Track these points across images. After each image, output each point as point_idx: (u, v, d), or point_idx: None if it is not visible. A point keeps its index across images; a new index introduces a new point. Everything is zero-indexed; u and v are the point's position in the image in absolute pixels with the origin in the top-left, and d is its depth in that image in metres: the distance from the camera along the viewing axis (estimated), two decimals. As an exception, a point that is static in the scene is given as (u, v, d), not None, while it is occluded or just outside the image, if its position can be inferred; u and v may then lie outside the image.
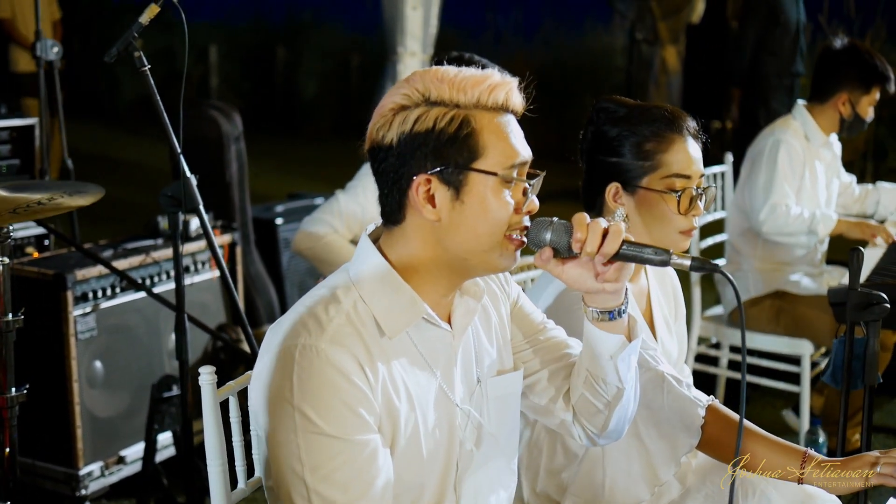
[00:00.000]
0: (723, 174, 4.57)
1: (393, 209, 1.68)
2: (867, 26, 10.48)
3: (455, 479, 1.77)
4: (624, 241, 1.66)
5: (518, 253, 1.70)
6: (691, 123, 2.29)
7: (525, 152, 1.69)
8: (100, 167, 10.25)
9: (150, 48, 2.76)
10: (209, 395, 1.81)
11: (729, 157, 4.61)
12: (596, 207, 2.34)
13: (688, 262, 1.65)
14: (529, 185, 1.69)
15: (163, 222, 3.87)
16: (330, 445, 1.56)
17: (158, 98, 2.68)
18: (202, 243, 3.87)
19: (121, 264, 3.54)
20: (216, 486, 1.83)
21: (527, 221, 1.70)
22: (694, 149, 2.27)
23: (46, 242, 4.01)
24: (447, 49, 3.46)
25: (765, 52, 6.33)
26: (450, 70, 1.67)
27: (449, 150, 1.63)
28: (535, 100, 1.76)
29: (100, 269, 3.47)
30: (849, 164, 10.77)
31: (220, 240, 3.96)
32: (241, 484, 1.92)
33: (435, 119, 1.63)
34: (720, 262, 4.49)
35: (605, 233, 1.66)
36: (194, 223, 3.82)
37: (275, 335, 1.64)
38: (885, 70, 4.00)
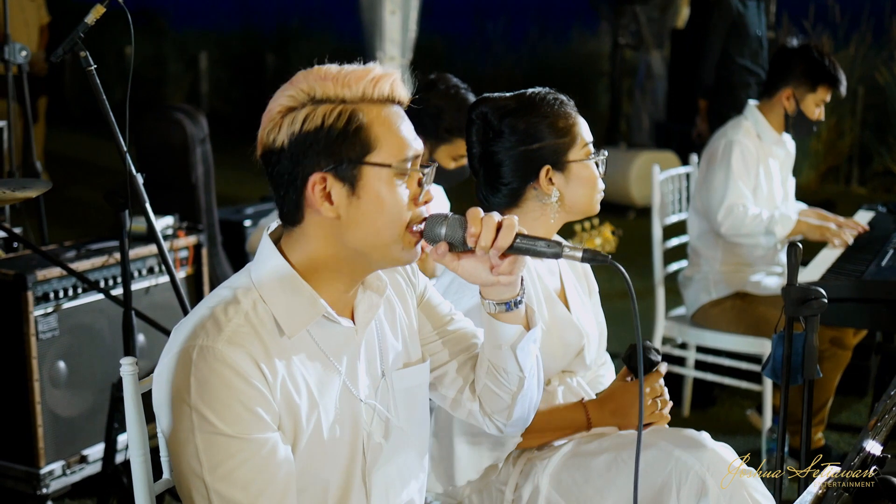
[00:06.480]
0: (688, 175, 4.60)
1: (291, 210, 1.68)
2: (852, 31, 10.49)
3: (363, 472, 1.79)
4: (518, 235, 1.68)
5: (419, 246, 1.71)
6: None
7: (416, 144, 1.70)
8: (77, 171, 10.31)
9: (138, 56, 2.80)
10: (130, 385, 1.83)
11: (694, 159, 4.64)
12: (511, 201, 2.41)
13: (579, 254, 1.68)
14: (424, 174, 1.70)
15: (129, 223, 3.86)
16: (228, 444, 1.57)
17: (104, 98, 2.72)
18: (169, 244, 3.87)
19: (83, 265, 3.56)
20: (138, 476, 1.83)
21: (426, 213, 1.71)
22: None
23: (15, 245, 4.01)
24: (433, 57, 3.50)
25: (732, 62, 6.41)
26: (332, 67, 1.67)
27: (340, 145, 1.62)
28: None
29: (61, 270, 3.49)
30: (835, 169, 10.78)
31: (186, 241, 3.97)
32: (165, 474, 1.92)
33: (323, 116, 1.62)
34: (683, 263, 4.52)
35: (500, 227, 1.68)
36: (161, 223, 3.82)
37: (176, 336, 1.65)
38: (833, 71, 3.99)
